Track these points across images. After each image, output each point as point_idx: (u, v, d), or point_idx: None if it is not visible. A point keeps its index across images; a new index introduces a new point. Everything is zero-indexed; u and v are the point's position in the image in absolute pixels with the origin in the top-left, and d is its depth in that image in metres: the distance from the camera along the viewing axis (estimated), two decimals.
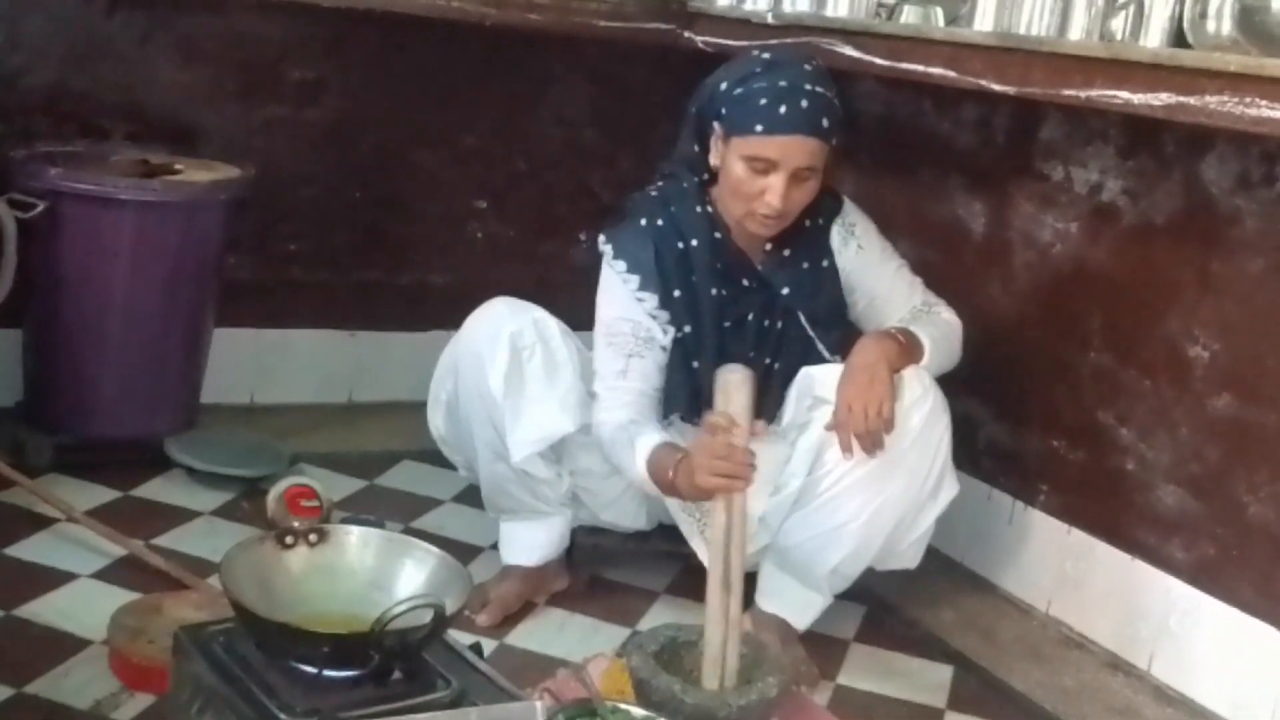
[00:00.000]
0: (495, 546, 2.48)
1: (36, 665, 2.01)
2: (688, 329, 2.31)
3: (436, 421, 2.44)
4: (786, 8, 2.82)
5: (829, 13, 2.71)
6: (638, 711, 1.79)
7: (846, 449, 2.18)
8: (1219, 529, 2.37)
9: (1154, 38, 2.15)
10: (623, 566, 2.58)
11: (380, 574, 1.85)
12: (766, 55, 2.25)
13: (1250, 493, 2.32)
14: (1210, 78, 1.94)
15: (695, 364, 2.32)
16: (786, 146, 2.16)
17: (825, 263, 2.37)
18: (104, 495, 2.63)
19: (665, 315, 2.30)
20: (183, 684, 1.76)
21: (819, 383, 2.28)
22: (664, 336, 2.30)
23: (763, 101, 2.16)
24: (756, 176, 2.18)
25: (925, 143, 2.96)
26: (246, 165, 2.87)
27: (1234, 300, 2.34)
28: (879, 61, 2.56)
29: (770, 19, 2.81)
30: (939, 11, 2.62)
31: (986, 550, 2.80)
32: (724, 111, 2.21)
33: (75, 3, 2.89)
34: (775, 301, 2.36)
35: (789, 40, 2.77)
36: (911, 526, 2.29)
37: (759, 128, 2.16)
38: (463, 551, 2.44)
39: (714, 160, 2.27)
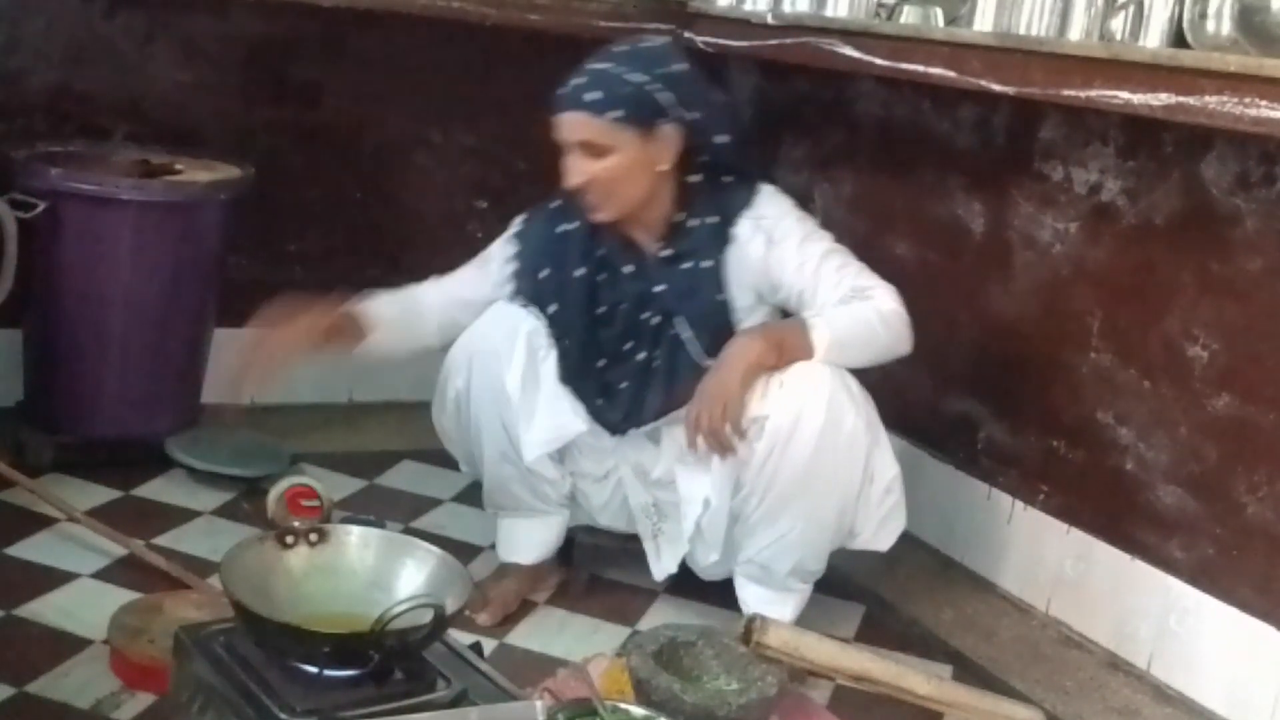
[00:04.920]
0: (495, 545, 2.49)
1: (37, 665, 2.01)
2: (554, 309, 2.32)
3: (442, 418, 2.42)
4: (786, 8, 2.82)
5: (829, 13, 2.72)
6: (638, 711, 1.79)
7: (691, 446, 2.20)
8: (1218, 528, 2.37)
9: (1154, 38, 2.16)
10: (622, 566, 2.58)
11: (380, 574, 1.85)
12: (613, 45, 2.27)
13: (1250, 492, 2.32)
14: (1210, 78, 1.95)
15: (566, 342, 2.32)
16: (559, 124, 2.21)
17: (708, 263, 2.29)
18: (104, 495, 2.63)
19: (511, 286, 2.37)
20: (183, 683, 1.76)
21: None
22: (491, 292, 2.38)
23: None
24: (563, 159, 2.24)
25: (925, 143, 2.96)
26: (246, 165, 2.87)
27: (1233, 300, 2.34)
28: (879, 62, 2.56)
29: (770, 19, 2.81)
30: (939, 12, 2.63)
31: (986, 549, 2.80)
32: None
33: (76, 3, 2.89)
34: (652, 297, 2.31)
35: (789, 40, 2.77)
36: (859, 512, 2.26)
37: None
38: (463, 551, 2.45)
39: None
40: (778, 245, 2.27)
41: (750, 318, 2.32)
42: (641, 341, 2.33)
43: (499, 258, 2.41)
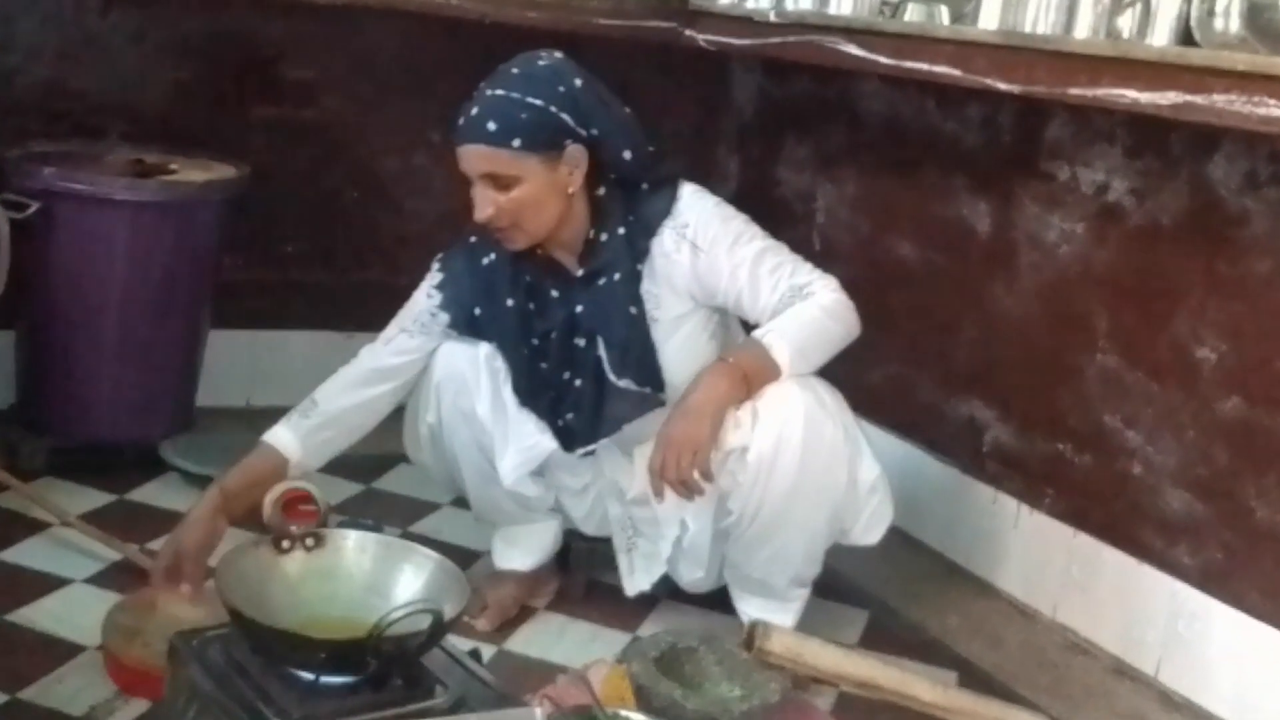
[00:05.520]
0: (490, 554, 2.47)
1: (30, 671, 2.00)
2: (494, 344, 2.27)
3: (418, 453, 2.41)
4: (789, 5, 2.80)
5: (832, 10, 2.69)
6: (638, 717, 1.79)
7: (658, 495, 2.13)
8: (1226, 533, 2.36)
9: (1161, 36, 2.13)
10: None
11: (378, 579, 1.85)
12: (505, 66, 2.19)
13: (1258, 496, 2.30)
14: (1218, 76, 1.93)
15: (512, 375, 2.26)
16: (463, 158, 2.14)
17: (617, 275, 2.22)
18: (98, 499, 2.61)
19: (453, 331, 2.29)
20: (178, 690, 1.76)
21: None
22: (421, 347, 2.30)
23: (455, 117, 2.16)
24: (472, 191, 2.17)
25: (930, 142, 2.95)
26: (242, 165, 2.86)
27: (1242, 301, 2.33)
28: (883, 60, 2.54)
29: (773, 17, 2.79)
30: (944, 9, 2.60)
31: (991, 554, 2.78)
32: None
33: (70, 2, 2.88)
34: (577, 319, 2.25)
35: (791, 39, 2.76)
36: (848, 514, 2.24)
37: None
38: (461, 556, 2.43)
39: None
40: (706, 253, 2.21)
41: (686, 324, 2.27)
42: (576, 369, 2.27)
43: (426, 311, 2.31)
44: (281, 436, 2.23)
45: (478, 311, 2.27)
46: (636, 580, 2.41)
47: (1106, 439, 2.56)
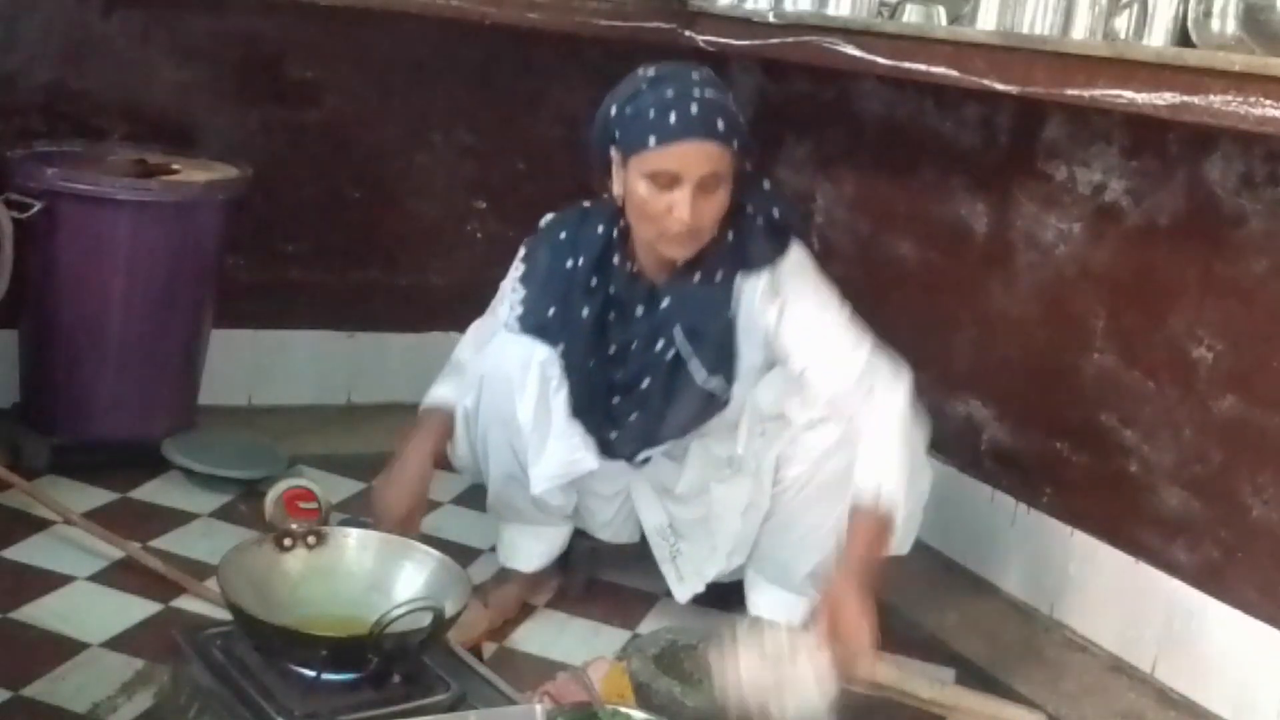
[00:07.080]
0: (494, 548, 2.47)
1: (33, 668, 2.00)
2: (561, 348, 2.21)
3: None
4: (788, 6, 2.80)
5: (831, 12, 2.70)
6: (638, 714, 1.79)
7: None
8: (1223, 531, 2.36)
9: (1158, 37, 2.14)
10: (620, 568, 2.57)
11: (379, 576, 1.85)
12: (651, 71, 2.11)
13: (1254, 494, 2.31)
14: (1214, 77, 1.93)
15: (575, 379, 2.21)
16: (684, 154, 2.04)
17: (718, 276, 2.18)
18: (101, 497, 2.61)
19: (519, 326, 2.25)
20: (180, 687, 1.76)
21: (764, 402, 2.22)
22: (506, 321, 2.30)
23: (651, 114, 2.04)
24: (661, 193, 2.05)
25: (927, 142, 2.95)
26: (244, 165, 2.86)
27: (1238, 301, 2.33)
28: (881, 61, 2.55)
29: (771, 18, 2.80)
30: (941, 10, 2.61)
31: (989, 552, 2.79)
32: (617, 134, 2.10)
33: (73, 2, 2.88)
34: (660, 321, 2.21)
35: (790, 40, 2.76)
36: None
37: (652, 140, 2.04)
38: (462, 554, 2.43)
39: (616, 189, 2.13)
40: (787, 319, 2.17)
41: (754, 375, 2.24)
42: (651, 372, 2.23)
43: (510, 298, 2.30)
44: (441, 393, 2.31)
45: (550, 313, 2.21)
46: (688, 585, 2.38)
47: (1104, 438, 2.56)
